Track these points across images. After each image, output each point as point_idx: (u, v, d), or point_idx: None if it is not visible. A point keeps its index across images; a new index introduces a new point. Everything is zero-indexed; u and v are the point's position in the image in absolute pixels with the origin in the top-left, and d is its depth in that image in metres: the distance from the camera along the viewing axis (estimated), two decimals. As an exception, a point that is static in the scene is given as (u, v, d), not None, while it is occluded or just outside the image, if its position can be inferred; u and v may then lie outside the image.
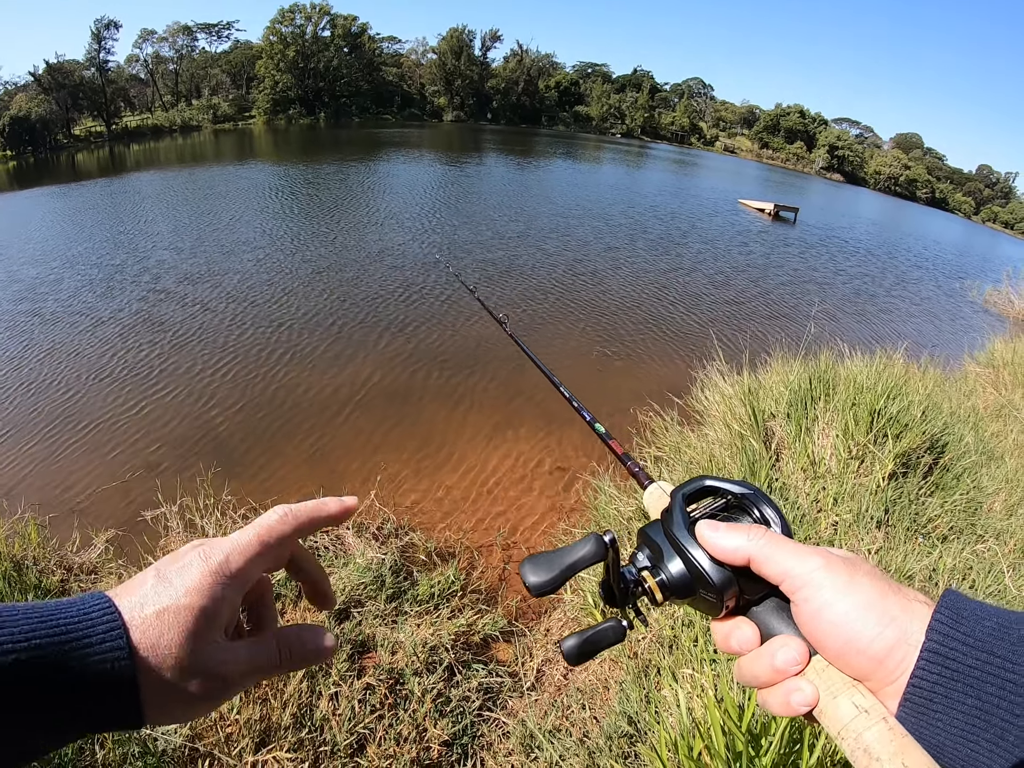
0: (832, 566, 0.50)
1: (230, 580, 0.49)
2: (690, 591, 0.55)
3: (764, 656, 0.51)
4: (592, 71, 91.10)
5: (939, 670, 0.43)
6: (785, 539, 0.53)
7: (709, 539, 0.55)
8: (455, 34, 71.64)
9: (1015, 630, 0.43)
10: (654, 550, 0.59)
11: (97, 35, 51.95)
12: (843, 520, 3.54)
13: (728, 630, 0.54)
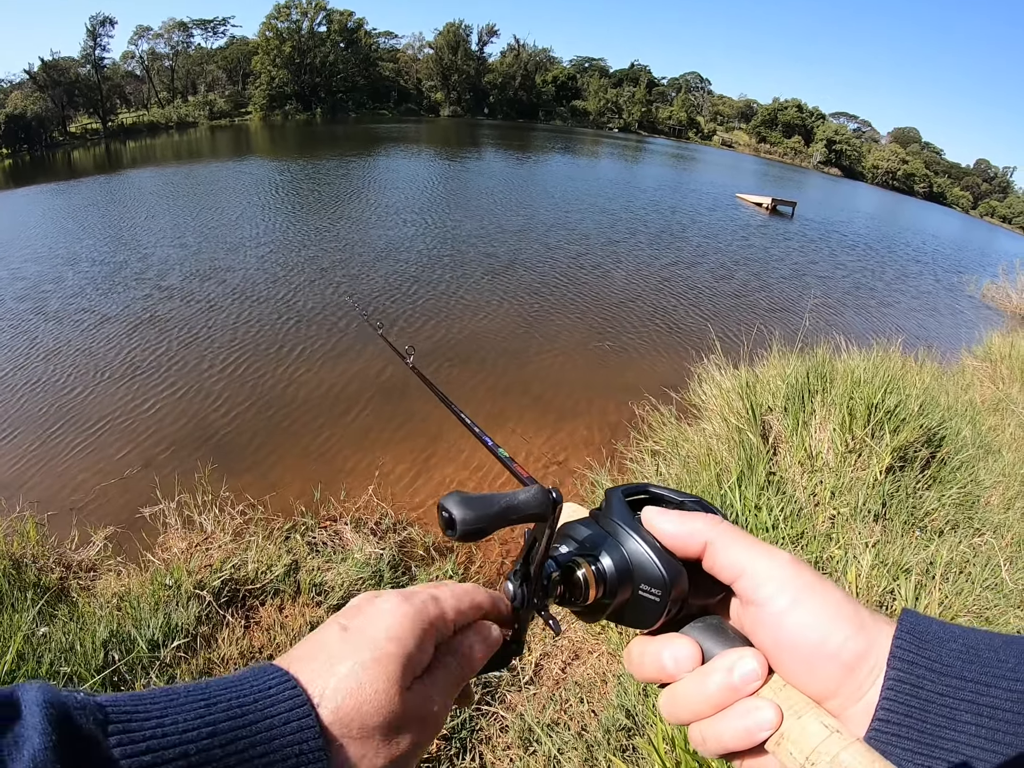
0: (800, 563, 0.44)
1: (430, 623, 0.46)
2: (629, 584, 0.46)
3: (714, 673, 0.42)
4: (589, 65, 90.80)
5: (907, 699, 0.39)
6: (743, 530, 0.46)
7: (659, 522, 0.47)
8: (452, 29, 71.43)
9: (983, 652, 0.40)
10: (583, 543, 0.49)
11: (93, 32, 51.75)
12: (841, 514, 3.55)
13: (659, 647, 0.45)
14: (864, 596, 2.92)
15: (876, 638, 0.42)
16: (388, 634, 0.43)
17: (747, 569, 0.44)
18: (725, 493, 3.49)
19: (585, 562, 0.47)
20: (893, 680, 0.40)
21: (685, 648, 0.44)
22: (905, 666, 0.40)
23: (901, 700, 0.39)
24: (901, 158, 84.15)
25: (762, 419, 4.52)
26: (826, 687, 0.41)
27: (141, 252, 12.03)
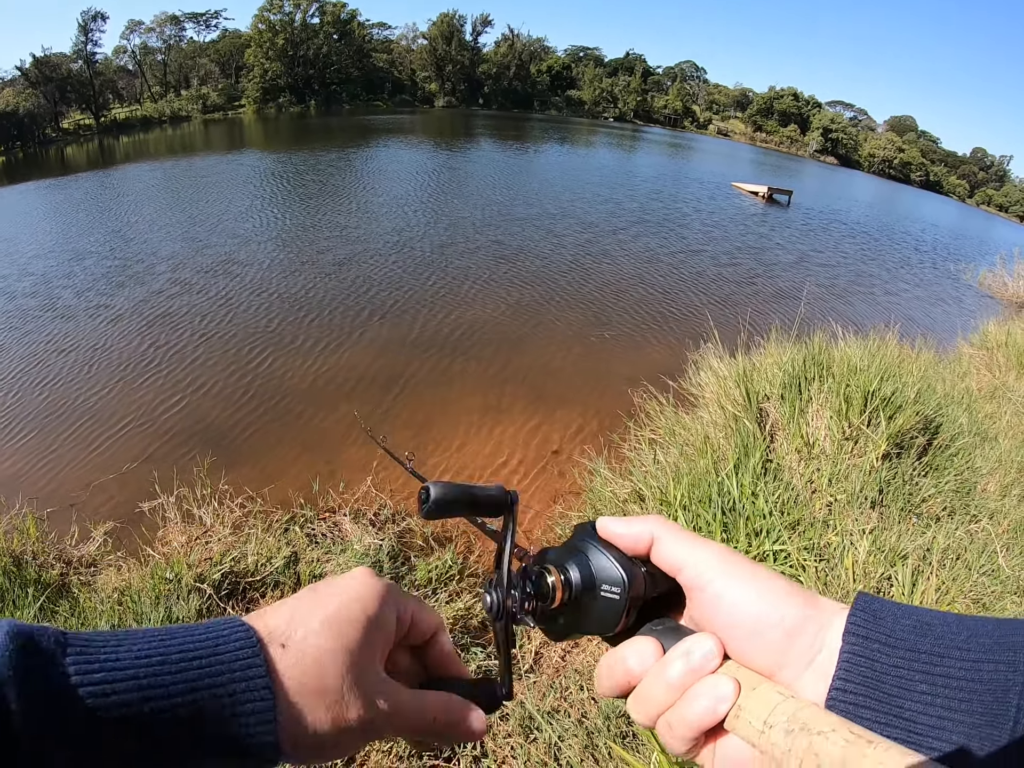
0: (730, 552, 0.48)
1: (395, 600, 0.48)
2: (593, 587, 0.50)
3: (674, 660, 0.44)
4: (584, 55, 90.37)
5: (862, 671, 0.41)
6: (685, 528, 0.51)
7: (610, 525, 0.51)
8: (445, 19, 71.06)
9: (936, 627, 0.41)
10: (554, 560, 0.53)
11: (84, 27, 51.44)
12: (838, 501, 3.56)
13: (622, 652, 0.47)
14: (862, 582, 2.93)
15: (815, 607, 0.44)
16: (352, 597, 0.45)
17: (688, 560, 0.48)
18: (722, 480, 3.50)
19: (554, 570, 0.51)
20: (848, 653, 0.42)
21: (646, 645, 0.47)
22: (859, 640, 0.42)
23: (857, 672, 0.41)
24: (897, 146, 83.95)
25: (759, 407, 4.53)
26: (773, 659, 0.43)
27: (136, 247, 11.99)
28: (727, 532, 3.24)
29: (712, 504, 3.33)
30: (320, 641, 0.42)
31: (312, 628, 0.42)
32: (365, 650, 0.44)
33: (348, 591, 0.46)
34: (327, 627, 0.43)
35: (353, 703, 0.42)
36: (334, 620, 0.43)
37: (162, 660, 0.36)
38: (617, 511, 3.84)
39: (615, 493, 4.04)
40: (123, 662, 0.35)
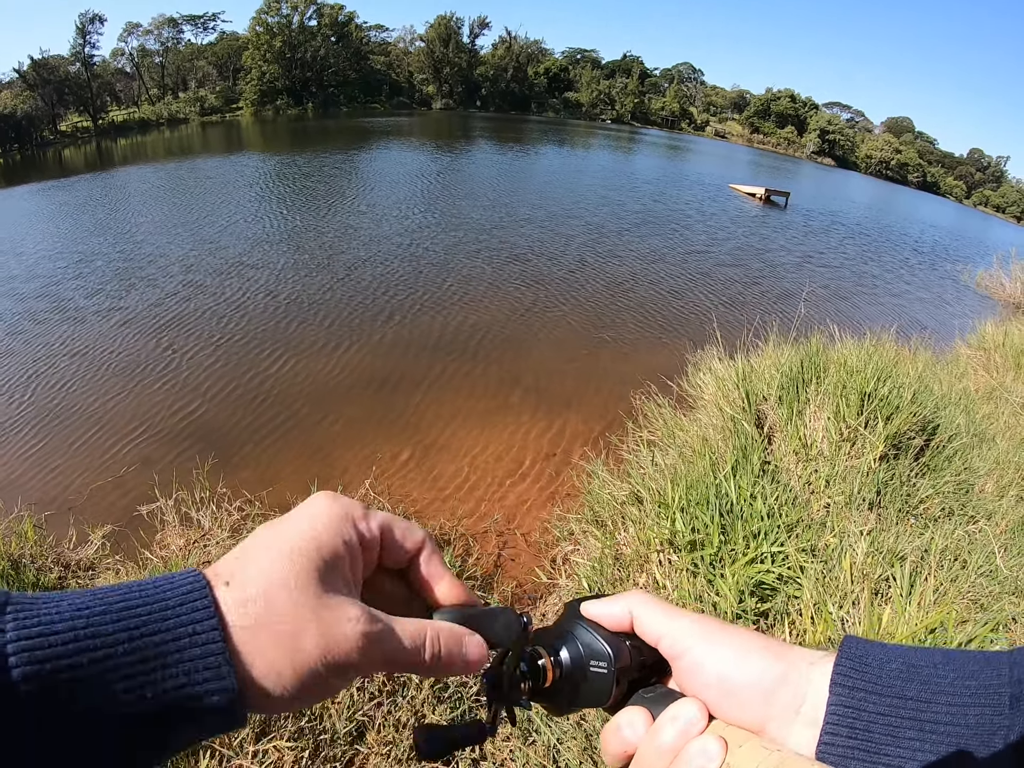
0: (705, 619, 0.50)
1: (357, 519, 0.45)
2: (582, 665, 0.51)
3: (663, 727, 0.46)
4: (581, 57, 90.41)
5: (850, 722, 0.42)
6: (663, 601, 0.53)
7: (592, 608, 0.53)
8: (443, 22, 71.04)
9: (923, 669, 0.42)
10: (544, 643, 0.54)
11: (82, 30, 51.31)
12: (835, 502, 3.57)
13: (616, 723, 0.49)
14: (860, 584, 2.93)
15: (787, 660, 0.46)
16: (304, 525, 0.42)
17: (665, 631, 0.50)
18: (720, 483, 3.50)
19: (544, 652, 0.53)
20: (835, 704, 0.43)
21: (636, 715, 0.48)
22: (846, 691, 0.43)
23: (845, 723, 0.42)
24: (894, 148, 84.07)
25: (757, 408, 4.54)
26: (758, 714, 0.45)
27: (131, 252, 11.97)
28: (725, 534, 3.24)
29: (710, 506, 3.33)
30: (268, 574, 0.39)
31: (261, 564, 0.39)
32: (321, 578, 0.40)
33: (301, 519, 0.42)
34: (276, 559, 0.39)
35: (312, 635, 0.38)
36: (284, 550, 0.40)
37: (104, 609, 0.34)
38: (615, 513, 3.84)
39: (613, 495, 4.04)
40: (62, 615, 0.33)
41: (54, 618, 0.33)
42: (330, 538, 0.42)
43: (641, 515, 3.64)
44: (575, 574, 3.47)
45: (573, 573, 3.51)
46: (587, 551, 3.72)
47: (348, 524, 0.43)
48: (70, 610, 0.34)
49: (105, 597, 0.35)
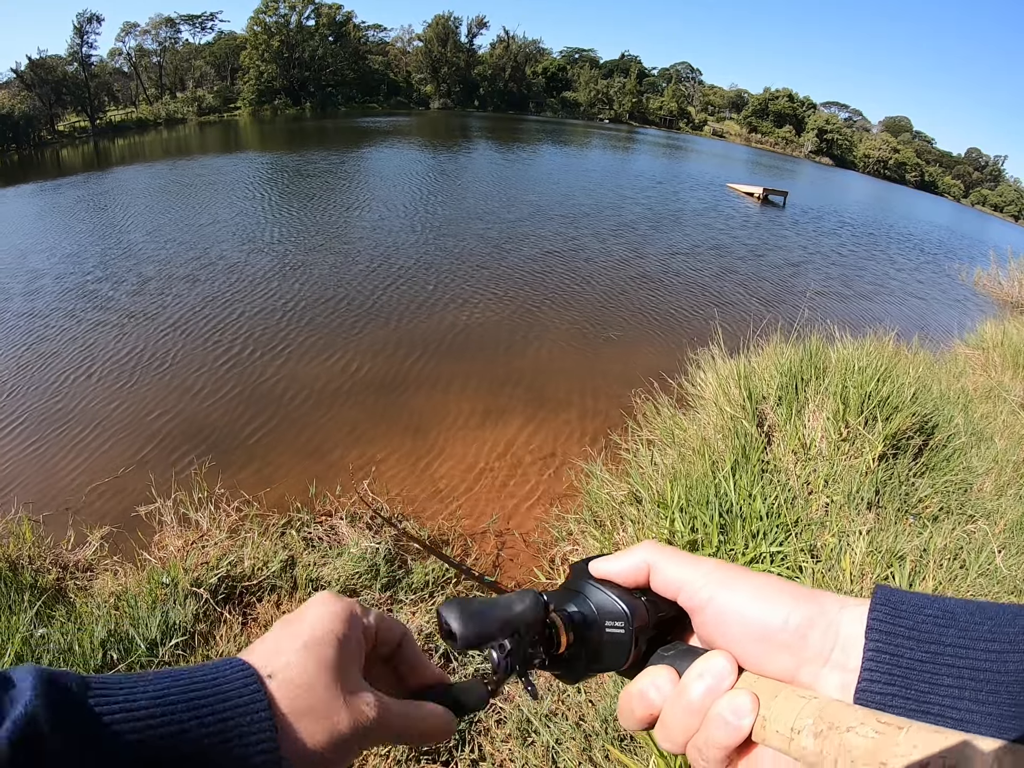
0: (724, 565, 0.48)
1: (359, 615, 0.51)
2: (597, 627, 0.50)
3: (690, 684, 0.44)
4: (579, 57, 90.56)
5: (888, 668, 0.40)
6: (678, 550, 0.51)
7: (604, 565, 0.52)
8: (441, 21, 71.05)
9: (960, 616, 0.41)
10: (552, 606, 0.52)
11: (79, 29, 51.21)
12: (834, 502, 3.57)
13: (639, 685, 0.47)
14: (859, 583, 2.94)
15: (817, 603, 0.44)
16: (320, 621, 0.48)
17: (685, 580, 0.48)
18: (719, 482, 3.50)
19: (555, 615, 0.50)
20: (872, 651, 0.41)
21: (661, 674, 0.46)
22: (883, 636, 0.41)
23: (883, 670, 0.40)
24: (892, 147, 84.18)
25: (756, 408, 4.54)
26: (789, 662, 0.43)
27: (131, 249, 11.96)
28: (724, 534, 3.24)
29: (709, 506, 3.33)
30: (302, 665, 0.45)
31: (292, 656, 0.45)
32: (343, 666, 0.46)
33: (316, 616, 0.48)
34: (305, 651, 0.46)
35: (343, 714, 0.45)
36: (310, 644, 0.46)
37: (175, 700, 0.39)
38: (614, 513, 3.84)
39: (612, 495, 4.04)
40: (139, 702, 0.38)
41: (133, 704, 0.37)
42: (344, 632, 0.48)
43: (640, 515, 3.64)
44: (574, 574, 3.46)
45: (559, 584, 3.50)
46: (586, 551, 3.72)
47: (356, 620, 0.50)
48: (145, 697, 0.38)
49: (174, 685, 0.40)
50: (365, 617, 0.52)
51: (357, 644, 0.49)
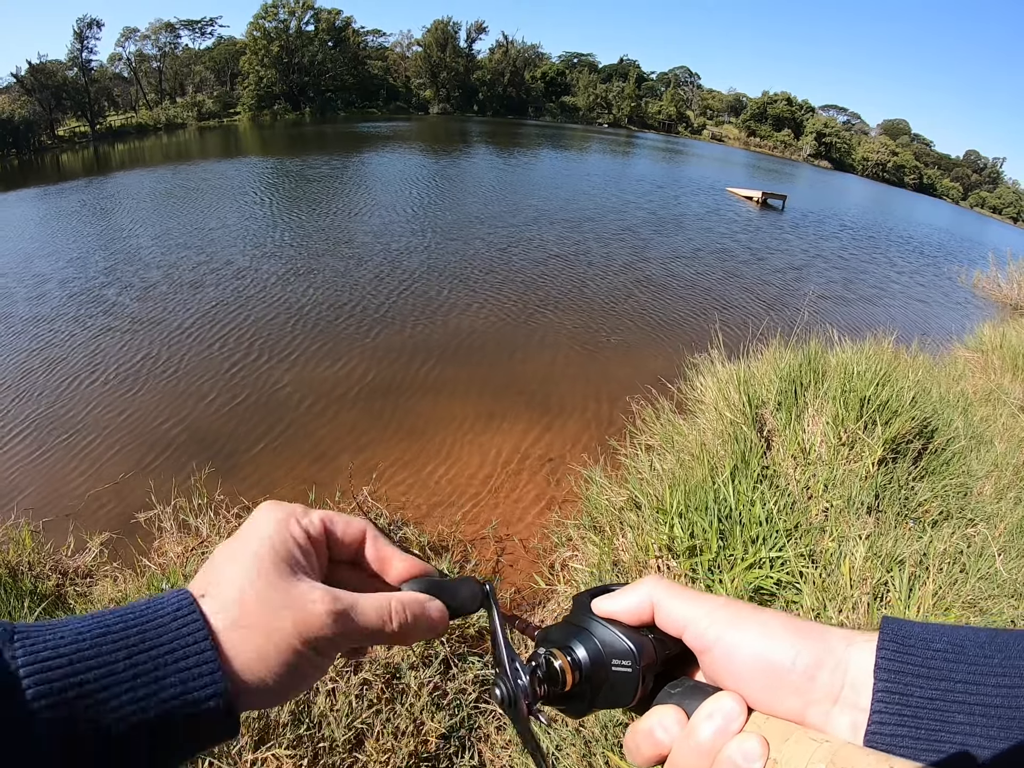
0: (730, 602, 0.47)
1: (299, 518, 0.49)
2: (603, 665, 0.49)
3: (699, 725, 0.43)
4: (578, 61, 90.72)
5: (898, 709, 0.40)
6: (683, 587, 0.50)
7: (607, 605, 0.51)
8: (440, 26, 71.17)
9: (969, 649, 0.40)
10: (557, 642, 0.52)
11: (79, 34, 51.30)
12: (834, 506, 3.57)
13: (646, 724, 0.46)
14: (858, 588, 2.93)
15: (824, 640, 0.44)
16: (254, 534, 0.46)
17: (689, 619, 0.47)
18: (719, 488, 3.50)
19: (560, 653, 0.50)
20: (881, 692, 0.40)
21: (668, 714, 0.45)
22: (892, 676, 0.40)
23: (892, 711, 0.40)
24: (891, 150, 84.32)
25: (756, 413, 4.54)
26: (798, 702, 0.43)
27: (131, 254, 11.97)
28: (724, 539, 3.24)
29: (709, 512, 3.33)
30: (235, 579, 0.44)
31: (227, 573, 0.44)
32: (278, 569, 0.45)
33: (250, 528, 0.47)
34: (239, 565, 0.44)
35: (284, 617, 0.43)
36: (244, 557, 0.45)
37: (103, 631, 0.38)
38: (613, 519, 3.84)
39: (611, 501, 4.04)
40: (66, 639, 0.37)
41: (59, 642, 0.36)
42: (279, 537, 0.46)
43: (639, 521, 3.63)
44: (573, 580, 3.46)
45: (571, 579, 3.50)
46: (585, 557, 3.72)
47: (292, 522, 0.48)
48: (72, 634, 0.37)
49: (103, 619, 0.39)
50: (305, 516, 0.49)
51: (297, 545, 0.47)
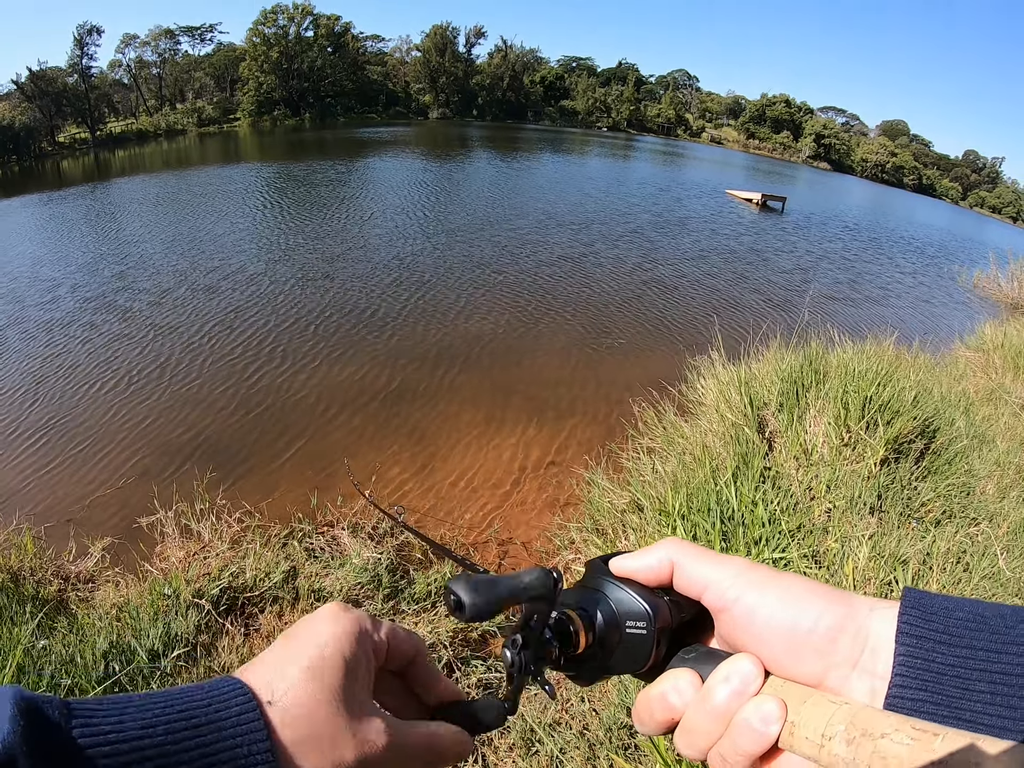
0: (752, 564, 0.47)
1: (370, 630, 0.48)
2: (617, 627, 0.48)
3: (715, 688, 0.42)
4: (577, 65, 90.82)
5: (919, 674, 0.39)
6: (703, 548, 0.49)
7: (625, 563, 0.50)
8: (439, 31, 71.33)
9: (991, 619, 0.39)
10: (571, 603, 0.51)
11: (79, 41, 51.44)
12: (837, 507, 3.56)
13: (660, 688, 0.45)
14: (862, 588, 2.93)
15: (847, 604, 0.43)
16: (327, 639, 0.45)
17: (711, 579, 0.46)
18: (721, 489, 3.50)
19: (574, 614, 0.49)
20: (903, 656, 0.40)
21: (683, 677, 0.45)
22: (914, 640, 0.40)
23: (913, 675, 0.39)
24: (890, 151, 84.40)
25: (757, 414, 4.54)
26: (817, 666, 0.42)
27: (136, 260, 11.98)
28: (726, 541, 3.23)
29: (711, 513, 3.33)
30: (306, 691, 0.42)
31: (295, 680, 0.42)
32: (350, 690, 0.43)
33: (322, 634, 0.45)
34: (309, 675, 0.42)
35: (349, 744, 0.42)
36: (315, 666, 0.43)
37: (167, 729, 0.36)
38: (615, 522, 3.83)
39: (613, 503, 4.03)
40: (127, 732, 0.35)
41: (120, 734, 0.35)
42: (353, 653, 0.45)
43: (642, 523, 3.63)
44: (576, 582, 3.46)
45: (574, 582, 3.50)
46: (588, 559, 3.71)
47: (365, 637, 0.47)
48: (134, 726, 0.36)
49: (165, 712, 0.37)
50: (376, 633, 0.48)
51: (367, 664, 0.46)
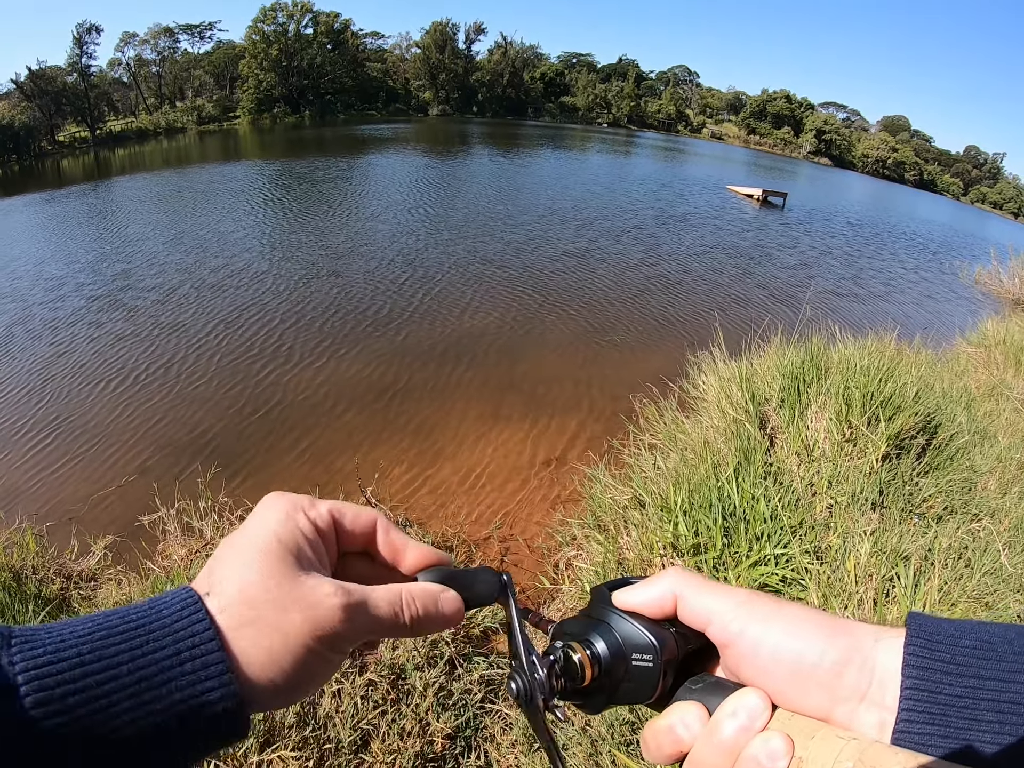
0: (756, 595, 0.46)
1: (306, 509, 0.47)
2: (623, 658, 0.47)
3: (722, 723, 0.42)
4: (577, 61, 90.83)
5: (926, 707, 0.39)
6: (707, 579, 0.49)
7: (628, 597, 0.49)
8: (438, 28, 71.26)
9: (998, 646, 0.39)
10: (576, 635, 0.51)
11: (79, 40, 51.41)
12: (838, 503, 3.56)
13: (667, 721, 0.44)
14: (864, 584, 2.92)
15: (852, 636, 0.42)
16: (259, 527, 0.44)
17: (714, 611, 0.46)
18: (723, 485, 3.50)
19: (579, 646, 0.49)
20: (909, 688, 0.39)
21: (690, 710, 0.44)
22: (920, 672, 0.40)
23: (920, 708, 0.39)
24: (891, 146, 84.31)
25: (758, 410, 4.53)
26: (824, 699, 0.42)
27: (138, 259, 11.98)
28: (728, 537, 3.23)
29: (713, 509, 3.33)
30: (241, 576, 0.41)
31: (231, 569, 0.42)
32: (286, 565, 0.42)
33: (255, 522, 0.45)
34: (244, 561, 0.42)
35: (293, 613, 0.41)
36: (248, 552, 0.43)
37: (105, 634, 0.36)
38: (617, 518, 3.83)
39: (615, 500, 4.03)
40: (66, 642, 0.35)
41: (59, 646, 0.35)
42: (286, 530, 0.44)
43: (644, 519, 3.63)
44: (578, 579, 3.46)
45: (576, 578, 3.50)
46: (590, 556, 3.71)
47: (299, 514, 0.46)
48: (72, 637, 0.35)
49: (105, 621, 0.37)
50: (313, 508, 0.47)
51: (305, 539, 0.45)
